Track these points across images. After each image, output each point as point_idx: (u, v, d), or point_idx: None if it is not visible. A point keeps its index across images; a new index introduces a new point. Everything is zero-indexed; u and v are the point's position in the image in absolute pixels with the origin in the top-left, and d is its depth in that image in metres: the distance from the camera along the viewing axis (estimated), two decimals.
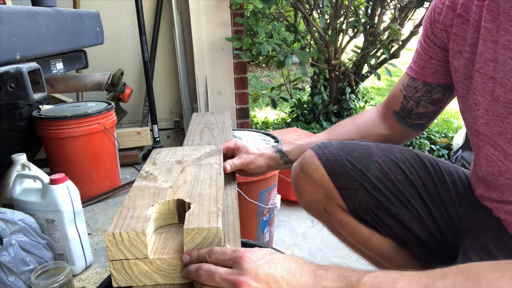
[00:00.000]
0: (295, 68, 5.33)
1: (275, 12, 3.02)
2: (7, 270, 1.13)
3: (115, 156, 2.05)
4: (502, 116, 0.60)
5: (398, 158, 0.82)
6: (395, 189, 0.79)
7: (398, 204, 0.78)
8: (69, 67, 1.60)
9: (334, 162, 0.81)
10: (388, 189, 0.79)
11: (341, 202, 0.82)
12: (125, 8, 2.47)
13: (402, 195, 0.79)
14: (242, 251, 0.51)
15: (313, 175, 0.83)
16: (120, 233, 0.53)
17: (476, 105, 0.65)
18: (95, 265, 1.44)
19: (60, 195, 1.27)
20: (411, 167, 0.81)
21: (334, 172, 0.81)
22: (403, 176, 0.80)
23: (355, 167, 0.80)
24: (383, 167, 0.80)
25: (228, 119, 1.33)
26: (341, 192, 0.81)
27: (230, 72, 2.39)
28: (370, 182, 0.79)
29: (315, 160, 0.83)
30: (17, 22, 1.11)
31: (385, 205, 0.79)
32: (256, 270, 0.49)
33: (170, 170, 0.76)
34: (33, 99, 1.13)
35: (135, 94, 2.56)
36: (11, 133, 1.83)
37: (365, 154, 0.81)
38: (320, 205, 0.87)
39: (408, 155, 0.83)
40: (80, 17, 1.56)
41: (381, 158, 0.81)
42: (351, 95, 2.79)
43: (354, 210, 0.81)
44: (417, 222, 0.78)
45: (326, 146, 0.84)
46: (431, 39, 0.76)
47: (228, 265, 0.51)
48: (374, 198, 0.79)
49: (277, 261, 0.50)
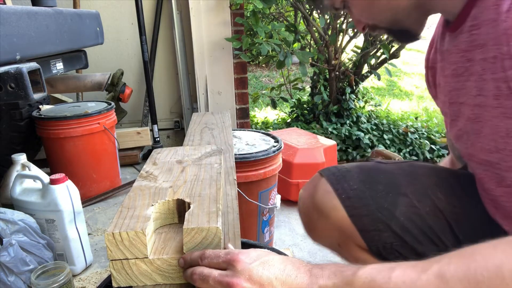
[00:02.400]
0: (295, 68, 5.33)
1: (275, 12, 3.02)
2: (7, 270, 1.13)
3: (115, 156, 2.05)
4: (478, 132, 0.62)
5: (424, 184, 0.74)
6: (424, 225, 0.71)
7: (426, 242, 0.71)
8: (69, 67, 1.60)
9: (356, 201, 0.71)
10: (417, 226, 0.71)
11: (361, 243, 0.74)
12: (125, 8, 2.47)
13: (430, 231, 0.71)
14: (236, 253, 0.51)
15: (330, 216, 0.73)
16: (120, 233, 0.53)
17: (460, 131, 0.68)
18: (95, 265, 1.44)
19: (60, 195, 1.27)
20: (439, 193, 0.73)
21: (356, 213, 0.71)
22: (431, 207, 0.72)
23: (380, 206, 0.71)
24: (411, 201, 0.72)
25: (228, 119, 1.33)
26: (363, 234, 0.72)
27: (230, 72, 2.39)
28: (397, 222, 0.71)
29: (334, 198, 0.72)
30: (17, 22, 1.11)
31: (412, 245, 0.71)
32: (249, 272, 0.48)
33: (170, 170, 0.76)
34: (33, 99, 1.13)
35: (135, 94, 2.56)
36: (11, 133, 1.83)
37: (390, 185, 0.73)
38: (333, 241, 0.79)
39: (433, 177, 0.76)
40: (80, 17, 1.56)
41: (408, 188, 0.73)
42: (351, 95, 2.78)
43: (376, 250, 0.73)
44: None
45: (345, 178, 0.74)
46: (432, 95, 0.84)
47: (222, 267, 0.51)
48: (401, 239, 0.71)
49: (272, 262, 0.50)
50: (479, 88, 0.59)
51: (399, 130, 2.65)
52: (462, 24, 0.61)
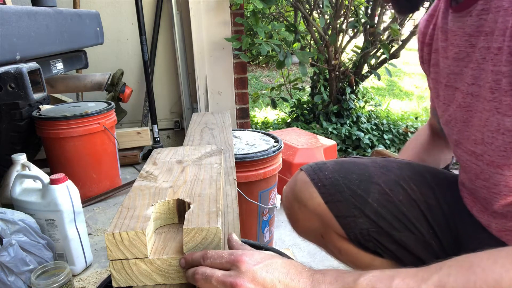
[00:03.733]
0: (295, 68, 5.33)
1: (275, 12, 3.02)
2: (7, 270, 1.13)
3: (115, 156, 2.05)
4: (467, 120, 0.62)
5: (398, 175, 0.77)
6: (398, 212, 0.74)
7: (402, 228, 0.74)
8: (69, 67, 1.60)
9: (331, 188, 0.75)
10: (391, 213, 0.74)
11: (339, 230, 0.77)
12: (125, 8, 2.47)
13: (405, 218, 0.74)
14: (240, 254, 0.50)
15: (308, 204, 0.77)
16: (120, 233, 0.53)
17: (449, 116, 0.68)
18: (95, 265, 1.44)
19: (60, 195, 1.27)
20: (412, 183, 0.76)
21: (331, 199, 0.75)
22: (405, 196, 0.75)
23: (354, 193, 0.74)
24: (384, 189, 0.75)
25: (228, 119, 1.33)
26: (340, 220, 0.75)
27: (230, 72, 2.39)
28: (371, 208, 0.74)
29: (310, 186, 0.76)
30: (17, 22, 1.11)
31: (388, 231, 0.74)
32: (253, 273, 0.48)
33: (170, 170, 0.76)
34: (33, 99, 1.13)
35: (135, 94, 2.56)
36: (11, 133, 1.83)
37: (363, 175, 0.76)
38: (316, 232, 0.82)
39: (408, 171, 0.79)
40: (80, 17, 1.56)
41: (381, 178, 0.76)
42: (351, 95, 2.79)
43: (354, 237, 0.76)
44: (421, 245, 0.74)
45: (321, 169, 0.77)
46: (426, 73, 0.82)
47: (225, 267, 0.50)
48: (376, 225, 0.74)
49: (275, 266, 0.50)
50: (475, 77, 0.58)
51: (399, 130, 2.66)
52: (471, 5, 0.58)
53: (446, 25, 0.66)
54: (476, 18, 0.57)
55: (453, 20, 0.63)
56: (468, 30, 0.59)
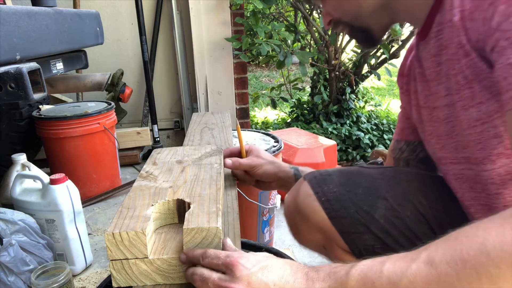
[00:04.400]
0: (295, 68, 5.33)
1: (275, 12, 3.02)
2: (7, 270, 1.13)
3: (115, 156, 2.05)
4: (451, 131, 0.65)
5: (406, 188, 0.75)
6: (405, 228, 0.72)
7: (408, 245, 0.70)
8: (69, 67, 1.60)
9: (335, 203, 0.72)
10: (397, 229, 0.72)
11: (343, 245, 0.74)
12: (125, 8, 2.47)
13: (412, 234, 0.71)
14: (235, 257, 0.51)
15: (311, 218, 0.75)
16: (120, 233, 0.53)
17: (430, 136, 0.71)
18: (95, 265, 1.44)
19: (60, 195, 1.27)
20: (421, 196, 0.74)
21: (336, 215, 0.72)
22: (413, 211, 0.73)
23: (360, 209, 0.71)
24: (391, 204, 0.72)
25: (228, 119, 1.33)
26: (344, 236, 0.73)
27: (230, 72, 2.39)
28: (377, 224, 0.71)
29: (314, 200, 0.74)
30: (17, 22, 1.11)
31: (393, 248, 0.71)
32: (248, 278, 0.49)
33: (170, 170, 0.76)
34: (33, 99, 1.13)
35: (135, 94, 2.56)
36: (11, 133, 1.83)
37: (370, 189, 0.74)
38: (319, 244, 0.80)
39: (416, 183, 0.77)
40: (80, 17, 1.56)
41: (389, 192, 0.73)
42: (351, 95, 2.78)
43: (358, 253, 0.74)
44: None
45: (325, 181, 0.75)
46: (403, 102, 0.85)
47: (221, 269, 0.51)
48: (382, 242, 0.71)
49: (271, 268, 0.50)
50: (447, 87, 0.62)
51: None
52: (429, 30, 0.64)
53: (419, 54, 0.72)
54: (434, 39, 0.63)
55: (422, 48, 0.69)
56: (432, 51, 0.65)
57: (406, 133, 0.87)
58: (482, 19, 0.50)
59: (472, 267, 0.40)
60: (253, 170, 0.90)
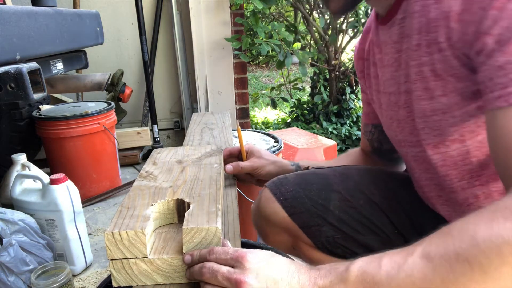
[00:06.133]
0: (295, 68, 5.33)
1: (275, 12, 3.02)
2: (7, 270, 1.13)
3: (115, 156, 2.05)
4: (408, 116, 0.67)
5: (357, 181, 0.80)
6: (360, 216, 0.77)
7: (366, 232, 0.77)
8: (69, 67, 1.60)
9: (293, 200, 0.78)
10: (353, 218, 0.77)
11: (307, 240, 0.80)
12: (125, 8, 2.47)
13: (368, 221, 0.77)
14: (245, 251, 0.52)
15: (273, 218, 0.80)
16: (119, 233, 0.53)
17: (391, 120, 0.73)
18: (95, 265, 1.44)
19: (60, 195, 1.27)
20: (372, 188, 0.79)
21: (294, 211, 0.78)
22: (365, 200, 0.78)
23: (315, 202, 0.77)
24: (344, 196, 0.78)
25: (228, 119, 1.33)
26: (305, 230, 0.79)
27: (230, 72, 2.39)
28: (333, 215, 0.77)
29: (273, 202, 0.80)
30: (17, 22, 1.11)
31: (352, 236, 0.77)
32: (257, 271, 0.50)
33: (170, 170, 0.76)
34: (33, 99, 1.13)
35: (135, 94, 2.56)
36: (11, 133, 1.83)
37: (323, 184, 0.79)
38: (287, 245, 0.84)
39: (366, 176, 0.82)
40: (80, 17, 1.56)
41: (340, 185, 0.79)
42: (351, 95, 2.79)
43: (322, 246, 0.79)
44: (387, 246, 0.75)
45: (282, 184, 0.81)
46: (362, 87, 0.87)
47: (230, 264, 0.52)
48: (340, 231, 0.77)
49: (278, 264, 0.52)
50: (406, 75, 0.64)
51: None
52: (393, 16, 0.66)
53: (379, 39, 0.73)
54: (398, 26, 0.65)
55: (383, 33, 0.70)
56: (394, 38, 0.66)
57: (371, 117, 0.89)
58: (471, 21, 0.52)
59: (464, 259, 0.42)
60: (255, 172, 0.91)
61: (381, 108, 0.78)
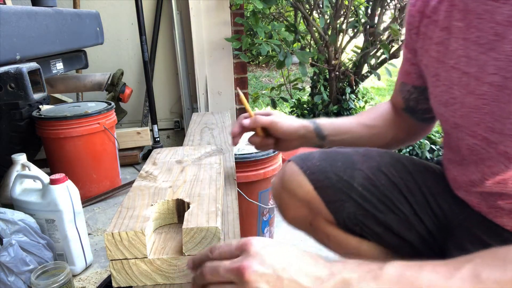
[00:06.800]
0: (295, 68, 5.33)
1: (275, 12, 3.02)
2: (7, 270, 1.13)
3: (115, 156, 2.05)
4: (477, 107, 0.62)
5: (379, 162, 0.81)
6: (381, 195, 0.78)
7: (386, 211, 0.78)
8: (69, 67, 1.60)
9: (319, 174, 0.78)
10: (375, 196, 0.78)
11: (328, 215, 0.80)
12: (125, 8, 2.47)
13: (388, 200, 0.78)
14: (249, 238, 0.47)
15: (297, 192, 0.80)
16: (119, 233, 0.53)
17: (453, 99, 0.67)
18: (95, 265, 1.44)
19: (60, 195, 1.27)
20: (392, 169, 0.80)
21: (320, 185, 0.78)
22: (386, 181, 0.79)
23: (340, 178, 0.78)
24: (367, 174, 0.79)
25: (228, 119, 1.33)
26: (329, 205, 0.79)
27: (230, 72, 2.39)
28: (357, 192, 0.78)
29: (299, 175, 0.79)
30: (17, 22, 1.11)
31: (373, 213, 0.77)
32: (263, 256, 0.44)
33: (170, 170, 0.76)
34: (33, 99, 1.13)
35: (135, 94, 2.56)
36: (11, 133, 1.83)
37: (347, 162, 0.80)
38: (305, 220, 0.84)
39: (387, 158, 0.82)
40: (80, 17, 1.56)
41: (363, 164, 0.80)
42: (351, 95, 2.78)
43: (342, 222, 0.79)
44: (405, 226, 0.78)
45: (308, 158, 0.81)
46: (410, 44, 0.79)
47: (235, 255, 0.46)
48: (362, 208, 0.78)
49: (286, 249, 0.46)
50: (500, 67, 0.56)
51: None
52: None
53: (467, 6, 0.61)
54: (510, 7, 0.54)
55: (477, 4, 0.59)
56: (498, 17, 0.55)
57: (413, 78, 0.82)
58: None
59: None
60: (274, 126, 0.83)
61: (438, 80, 0.70)
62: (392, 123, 0.91)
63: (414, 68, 0.81)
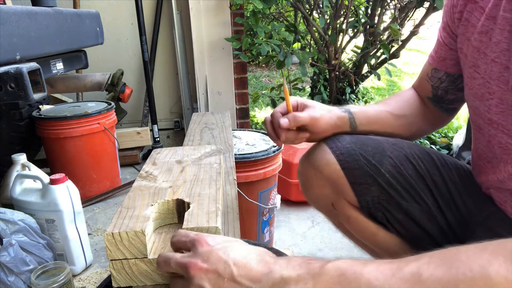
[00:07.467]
0: (295, 68, 5.33)
1: (275, 12, 3.02)
2: (7, 270, 1.13)
3: (115, 156, 2.05)
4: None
5: (408, 153, 0.82)
6: (407, 183, 0.79)
7: (409, 199, 0.79)
8: (69, 67, 1.60)
9: (348, 156, 0.79)
10: (400, 183, 0.79)
11: (352, 197, 0.80)
12: (125, 8, 2.47)
13: (413, 190, 0.79)
14: (205, 236, 0.49)
15: (324, 169, 0.80)
16: (119, 233, 0.53)
17: (490, 94, 0.65)
18: (95, 265, 1.44)
19: (60, 195, 1.27)
20: (420, 161, 0.81)
21: (348, 166, 0.79)
22: (413, 171, 0.80)
23: (369, 162, 0.78)
24: (395, 162, 0.79)
25: (228, 119, 1.33)
26: (354, 187, 0.79)
27: (230, 72, 2.39)
28: (384, 177, 0.78)
29: (328, 153, 0.80)
30: (17, 22, 1.11)
31: (397, 200, 0.79)
32: (209, 254, 0.46)
33: (170, 170, 0.76)
34: (33, 99, 1.13)
35: (135, 94, 2.56)
36: (11, 133, 1.83)
37: (377, 148, 0.80)
38: (328, 200, 0.85)
39: (416, 150, 0.83)
40: (80, 17, 1.56)
41: (393, 153, 0.81)
42: (351, 95, 2.79)
43: (365, 205, 0.80)
44: (427, 216, 0.79)
45: (338, 139, 0.81)
46: (451, 28, 0.75)
47: (188, 247, 0.49)
48: (387, 193, 0.79)
49: (235, 248, 0.48)
50: None
51: None
52: None
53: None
54: None
55: None
56: None
57: (449, 65, 0.80)
58: None
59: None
60: (313, 123, 0.81)
61: (476, 72, 0.68)
62: (418, 112, 0.90)
63: (452, 54, 0.78)
